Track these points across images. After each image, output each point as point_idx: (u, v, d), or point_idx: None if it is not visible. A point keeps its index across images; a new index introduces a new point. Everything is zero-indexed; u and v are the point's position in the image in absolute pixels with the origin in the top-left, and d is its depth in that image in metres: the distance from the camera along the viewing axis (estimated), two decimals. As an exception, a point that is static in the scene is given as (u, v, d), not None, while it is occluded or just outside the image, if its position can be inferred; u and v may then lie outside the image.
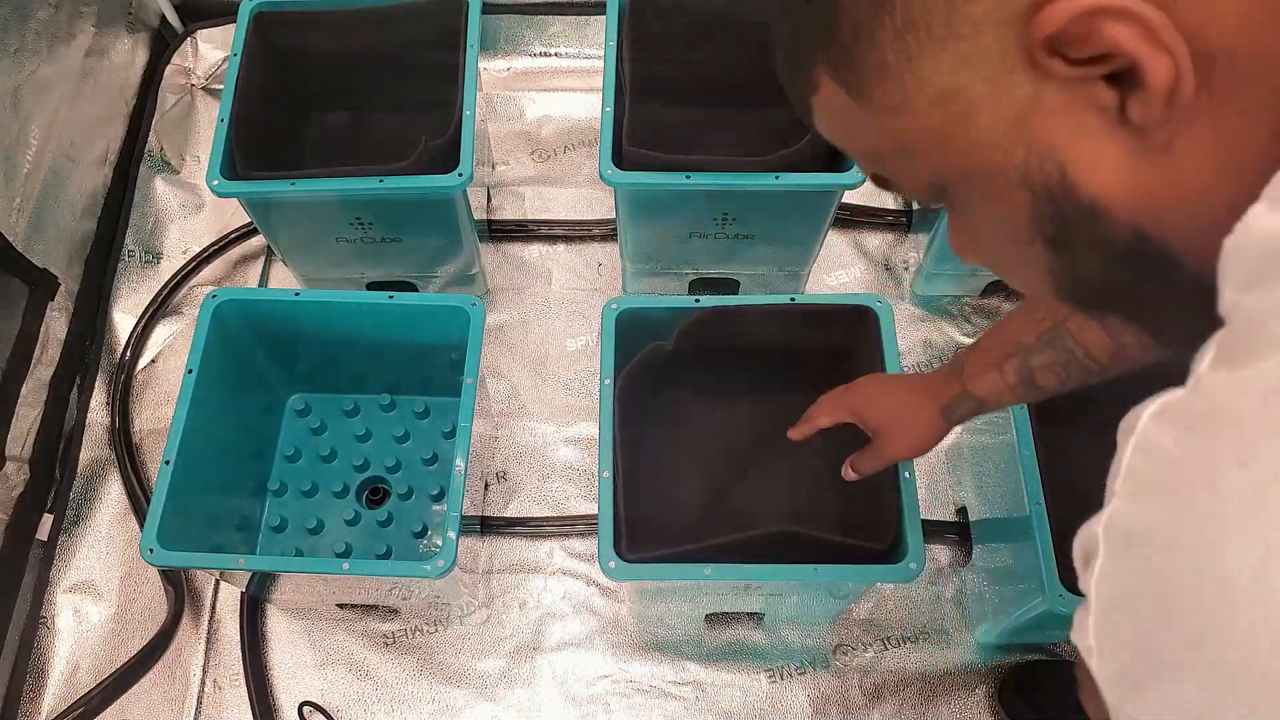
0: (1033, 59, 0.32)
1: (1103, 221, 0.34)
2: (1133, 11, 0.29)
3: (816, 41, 0.38)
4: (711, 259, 1.11)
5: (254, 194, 0.99)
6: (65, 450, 1.14)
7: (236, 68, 1.04)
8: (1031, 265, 0.39)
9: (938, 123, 0.36)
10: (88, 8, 1.22)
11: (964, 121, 0.35)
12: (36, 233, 1.11)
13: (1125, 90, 0.31)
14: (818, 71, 0.39)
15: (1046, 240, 0.36)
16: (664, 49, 1.06)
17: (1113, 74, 0.31)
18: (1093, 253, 0.36)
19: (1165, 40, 0.29)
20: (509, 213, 1.28)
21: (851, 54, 0.37)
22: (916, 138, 0.37)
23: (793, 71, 0.41)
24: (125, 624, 1.04)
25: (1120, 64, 0.30)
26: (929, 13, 0.33)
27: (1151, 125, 0.31)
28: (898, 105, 0.36)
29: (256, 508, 1.04)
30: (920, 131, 0.36)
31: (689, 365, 0.92)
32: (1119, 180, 0.33)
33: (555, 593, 1.05)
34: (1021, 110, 0.33)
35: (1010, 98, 0.33)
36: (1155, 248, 0.34)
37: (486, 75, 1.36)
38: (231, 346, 0.95)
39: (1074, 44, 0.31)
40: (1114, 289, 0.37)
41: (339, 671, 1.02)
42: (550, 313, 1.21)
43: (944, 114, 0.35)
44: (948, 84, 0.34)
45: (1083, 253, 0.36)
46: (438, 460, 1.07)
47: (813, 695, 1.00)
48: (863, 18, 0.35)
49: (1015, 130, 0.34)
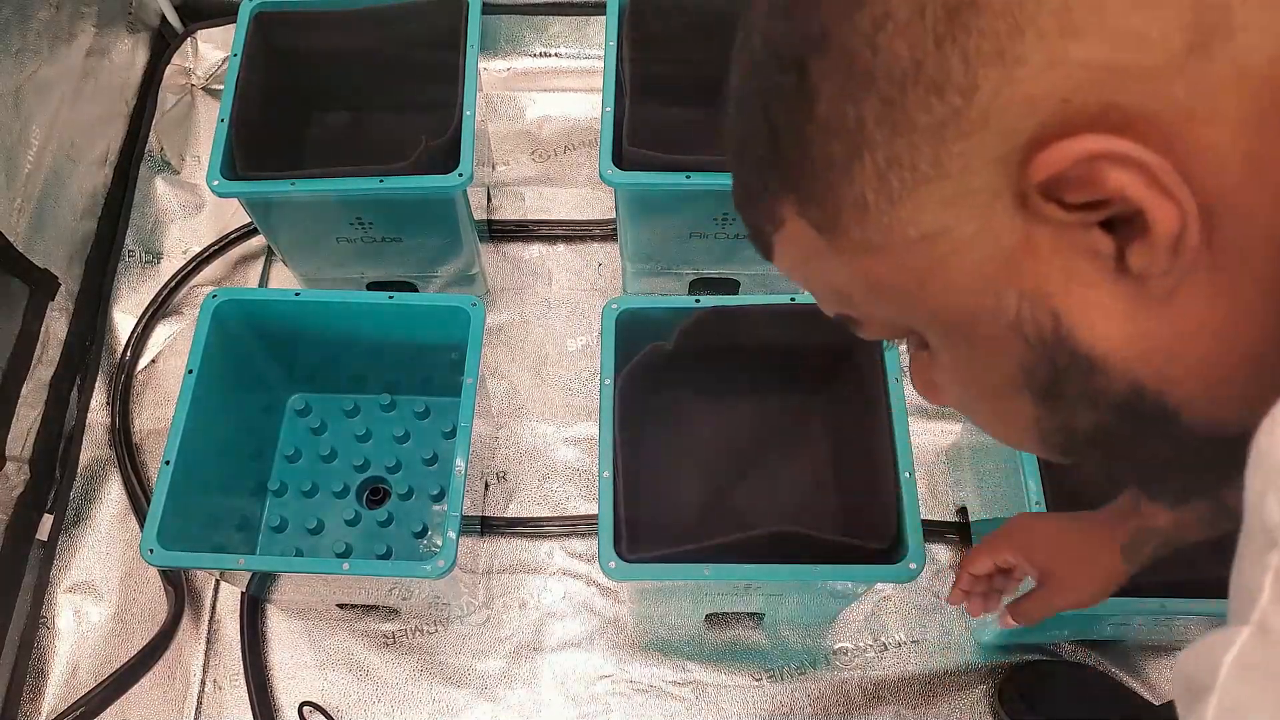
0: (1025, 201, 0.30)
1: (1099, 374, 0.32)
2: (1137, 158, 0.27)
3: (784, 177, 0.35)
4: (711, 259, 1.11)
5: (254, 194, 0.99)
6: (65, 450, 1.14)
7: (236, 68, 1.04)
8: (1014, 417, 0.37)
9: (919, 264, 0.33)
10: (88, 8, 1.22)
11: (948, 263, 0.32)
12: (37, 233, 1.11)
13: (1123, 237, 0.29)
14: (783, 208, 0.36)
15: (1036, 393, 0.34)
16: (664, 49, 1.06)
17: (1108, 220, 0.29)
18: (1085, 406, 0.33)
19: (1171, 187, 0.28)
20: (509, 213, 1.28)
21: (825, 192, 0.33)
22: (894, 279, 0.34)
23: (752, 205, 0.38)
24: (125, 624, 1.04)
25: (1118, 210, 0.29)
26: (914, 150, 0.31)
27: (1153, 275, 0.29)
28: (876, 245, 0.33)
29: (257, 508, 1.04)
30: (899, 273, 0.34)
31: (689, 365, 0.92)
32: (1117, 331, 0.31)
33: (555, 593, 1.05)
34: (1012, 254, 0.31)
35: (1000, 240, 0.31)
36: (1151, 402, 0.32)
37: (486, 75, 1.36)
38: (232, 346, 0.95)
39: (1072, 188, 0.29)
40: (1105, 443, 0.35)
41: (339, 671, 1.02)
42: (550, 313, 1.21)
43: (927, 255, 0.32)
44: (932, 225, 0.32)
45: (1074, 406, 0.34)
46: (438, 460, 1.07)
47: (813, 695, 1.00)
48: (840, 155, 0.32)
49: (1005, 274, 0.31)
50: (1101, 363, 0.31)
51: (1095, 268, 0.30)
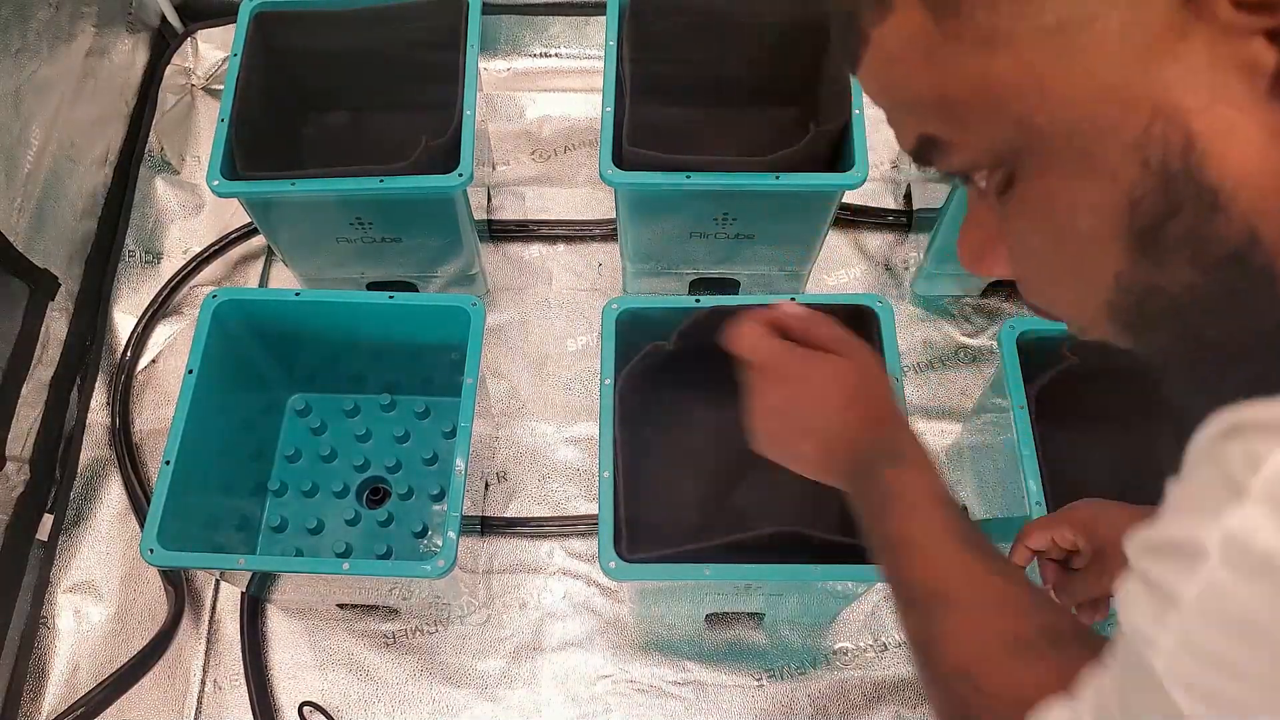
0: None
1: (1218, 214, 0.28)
2: None
3: None
4: (711, 259, 1.11)
5: (254, 194, 0.99)
6: (65, 450, 1.14)
7: (236, 68, 1.04)
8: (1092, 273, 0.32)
9: (1048, 61, 0.29)
10: (88, 8, 1.22)
11: (1081, 63, 0.28)
12: (37, 233, 1.11)
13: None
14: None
15: (1134, 237, 0.30)
16: (664, 49, 1.06)
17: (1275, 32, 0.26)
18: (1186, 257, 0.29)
19: None
20: (509, 213, 1.28)
21: None
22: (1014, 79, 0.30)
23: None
24: (125, 624, 1.04)
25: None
26: None
27: None
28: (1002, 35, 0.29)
29: (256, 508, 1.04)
30: (1022, 71, 0.29)
31: (689, 365, 0.92)
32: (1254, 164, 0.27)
33: (555, 593, 1.05)
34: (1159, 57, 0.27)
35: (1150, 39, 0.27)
36: (1261, 260, 0.28)
37: (486, 75, 1.36)
38: (231, 346, 0.95)
39: None
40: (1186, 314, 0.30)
41: (339, 671, 1.02)
42: (550, 313, 1.21)
43: (1057, 49, 0.28)
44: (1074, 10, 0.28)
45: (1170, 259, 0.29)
46: (438, 460, 1.07)
47: (813, 695, 1.00)
48: None
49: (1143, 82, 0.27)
50: (1226, 200, 0.27)
51: (1247, 88, 0.27)
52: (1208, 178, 0.27)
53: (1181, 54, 0.27)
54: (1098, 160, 0.29)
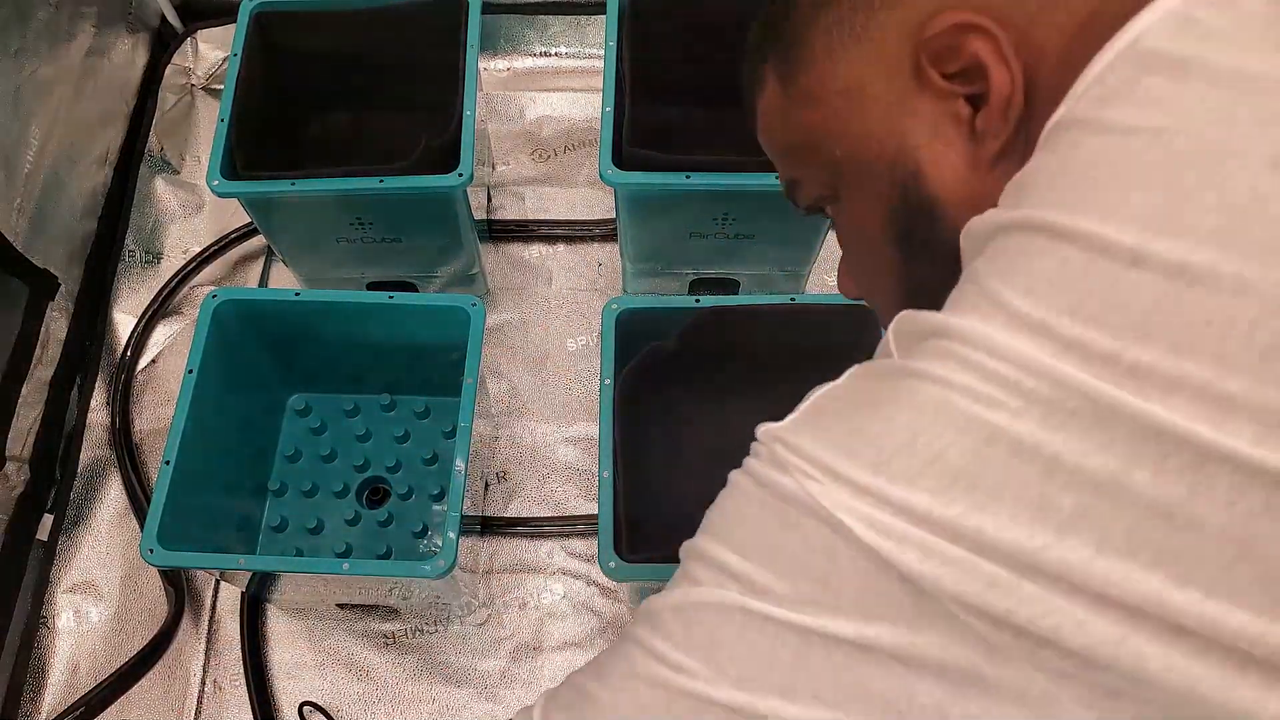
0: (918, 67, 0.37)
1: (937, 223, 0.38)
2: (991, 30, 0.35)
3: (770, 38, 0.44)
4: (711, 259, 1.11)
5: (254, 194, 0.99)
6: (65, 450, 1.14)
7: (236, 68, 1.04)
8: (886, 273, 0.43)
9: (840, 112, 0.40)
10: (88, 8, 1.22)
11: (860, 115, 0.40)
12: (37, 233, 1.11)
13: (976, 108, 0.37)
14: (765, 70, 0.44)
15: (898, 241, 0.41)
16: (664, 49, 1.06)
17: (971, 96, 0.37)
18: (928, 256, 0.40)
19: (1008, 57, 0.35)
20: (509, 213, 1.28)
21: (791, 47, 0.42)
22: (823, 127, 0.42)
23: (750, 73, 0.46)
24: (125, 624, 1.04)
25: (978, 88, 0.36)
26: (855, 12, 0.39)
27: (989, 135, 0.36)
28: (815, 96, 0.41)
29: (256, 508, 1.04)
30: (826, 121, 0.41)
31: (689, 365, 0.92)
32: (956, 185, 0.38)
33: (555, 593, 1.05)
34: (902, 110, 0.38)
35: (896, 98, 0.38)
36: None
37: (486, 75, 1.36)
38: (231, 346, 0.95)
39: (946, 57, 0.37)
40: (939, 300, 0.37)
41: (339, 671, 1.02)
42: (550, 313, 1.21)
43: (846, 105, 0.40)
44: (855, 79, 0.40)
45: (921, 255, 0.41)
46: (438, 460, 1.07)
47: (813, 695, 1.00)
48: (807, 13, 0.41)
49: (894, 126, 0.39)
50: (942, 212, 0.38)
51: (954, 129, 0.38)
52: (927, 193, 0.38)
53: (917, 109, 0.38)
54: (870, 184, 0.41)
